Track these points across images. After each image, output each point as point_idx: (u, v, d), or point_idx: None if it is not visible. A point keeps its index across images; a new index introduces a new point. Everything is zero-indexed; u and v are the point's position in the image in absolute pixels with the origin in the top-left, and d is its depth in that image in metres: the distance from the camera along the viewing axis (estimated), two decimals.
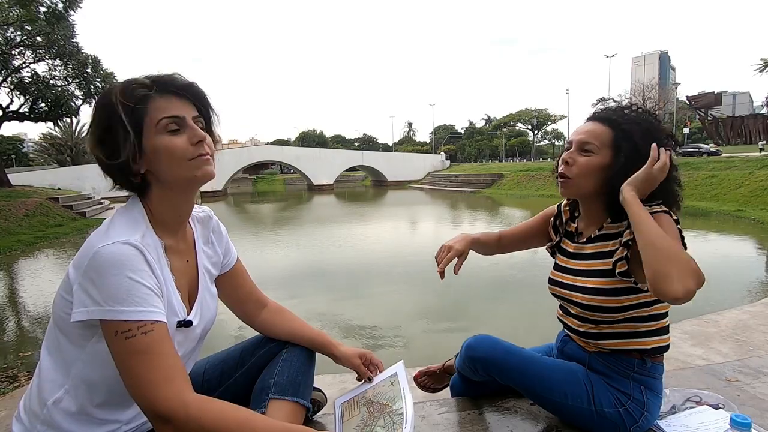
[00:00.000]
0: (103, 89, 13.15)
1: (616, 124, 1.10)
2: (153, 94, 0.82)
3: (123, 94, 0.81)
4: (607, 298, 1.08)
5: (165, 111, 0.82)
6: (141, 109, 0.81)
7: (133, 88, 0.82)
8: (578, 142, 1.12)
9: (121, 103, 0.80)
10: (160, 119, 0.82)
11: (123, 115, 0.80)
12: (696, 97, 38.71)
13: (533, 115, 61.09)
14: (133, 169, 0.83)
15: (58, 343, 0.83)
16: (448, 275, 1.26)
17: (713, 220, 12.04)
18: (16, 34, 15.40)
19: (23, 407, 0.87)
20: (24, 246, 9.93)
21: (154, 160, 0.83)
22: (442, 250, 1.28)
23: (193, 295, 0.95)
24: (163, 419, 0.75)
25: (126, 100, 0.80)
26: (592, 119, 1.15)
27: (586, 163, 1.10)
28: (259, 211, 20.87)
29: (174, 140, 0.83)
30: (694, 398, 1.27)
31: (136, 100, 0.81)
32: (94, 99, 17.86)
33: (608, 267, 1.09)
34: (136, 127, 0.81)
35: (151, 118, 0.82)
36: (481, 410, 1.31)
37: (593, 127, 1.12)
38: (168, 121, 0.83)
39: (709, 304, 4.35)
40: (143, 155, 0.83)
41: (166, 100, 0.83)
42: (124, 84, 0.83)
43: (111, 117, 0.81)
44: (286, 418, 1.00)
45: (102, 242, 0.77)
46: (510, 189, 26.06)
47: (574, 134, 1.15)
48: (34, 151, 57.27)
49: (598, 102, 42.18)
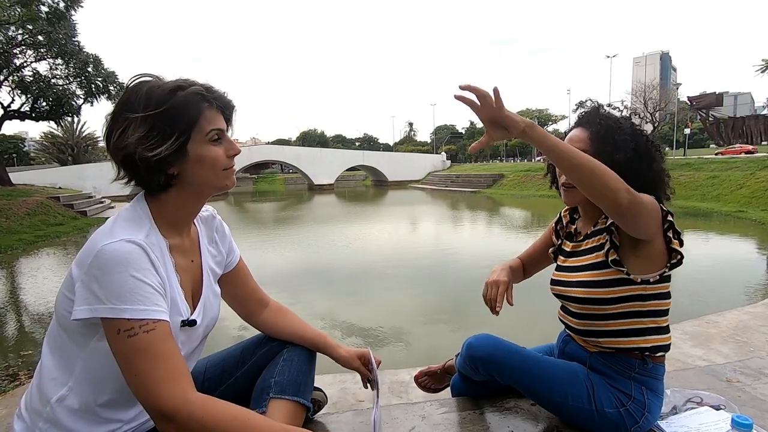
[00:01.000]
0: (105, 88, 13.04)
1: (601, 125, 1.12)
2: (208, 105, 0.86)
3: (186, 94, 0.83)
4: (599, 289, 1.10)
5: (214, 123, 0.87)
6: (197, 116, 0.85)
7: (197, 93, 0.85)
8: None
9: (183, 104, 0.83)
10: (210, 130, 0.86)
11: (183, 116, 0.83)
12: (697, 98, 38.64)
13: (534, 115, 61.07)
14: (166, 169, 0.84)
15: (60, 341, 0.83)
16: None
17: (714, 220, 12.04)
18: (17, 33, 15.44)
19: (24, 405, 0.87)
20: (25, 245, 9.95)
21: (194, 165, 0.86)
22: (490, 289, 1.26)
23: (196, 294, 0.95)
24: (166, 418, 0.75)
25: (188, 104, 0.84)
26: (582, 125, 1.17)
27: None
28: (259, 211, 20.88)
29: (216, 150, 0.88)
30: (695, 399, 1.26)
31: (197, 106, 0.85)
32: (95, 98, 18.03)
33: (601, 259, 1.11)
34: (187, 131, 0.84)
35: (202, 126, 0.85)
36: (481, 410, 1.31)
37: (583, 134, 1.14)
38: (214, 133, 0.87)
39: (710, 305, 4.35)
40: (185, 158, 0.84)
41: (214, 113, 0.88)
42: (191, 87, 0.85)
43: (171, 116, 0.82)
44: (286, 418, 1.00)
45: (106, 240, 0.77)
46: (511, 189, 26.06)
47: (569, 143, 1.16)
48: (35, 150, 57.40)
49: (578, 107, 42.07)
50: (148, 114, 0.81)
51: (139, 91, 0.83)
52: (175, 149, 0.82)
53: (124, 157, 0.83)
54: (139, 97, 0.82)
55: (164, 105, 0.82)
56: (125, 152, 0.82)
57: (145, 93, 0.83)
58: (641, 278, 1.06)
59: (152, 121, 0.81)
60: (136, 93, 0.83)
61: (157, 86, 0.84)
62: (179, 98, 0.83)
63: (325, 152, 45.07)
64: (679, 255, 1.04)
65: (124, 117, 0.82)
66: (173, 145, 0.82)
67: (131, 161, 0.82)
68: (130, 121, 0.81)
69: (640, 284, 1.06)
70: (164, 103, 0.82)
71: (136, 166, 0.83)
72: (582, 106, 9.68)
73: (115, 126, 0.83)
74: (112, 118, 0.84)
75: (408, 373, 2.34)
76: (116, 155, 0.83)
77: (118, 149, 0.82)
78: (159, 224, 0.87)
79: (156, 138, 0.81)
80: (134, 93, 0.83)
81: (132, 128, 0.81)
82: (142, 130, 0.81)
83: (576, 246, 1.22)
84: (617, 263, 1.07)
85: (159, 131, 0.81)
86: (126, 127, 0.81)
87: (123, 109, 0.83)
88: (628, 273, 1.06)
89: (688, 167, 18.13)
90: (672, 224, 1.04)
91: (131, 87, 0.85)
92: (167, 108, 0.82)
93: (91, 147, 52.21)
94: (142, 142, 0.81)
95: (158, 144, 0.81)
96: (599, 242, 1.13)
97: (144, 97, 0.82)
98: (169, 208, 0.88)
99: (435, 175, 40.14)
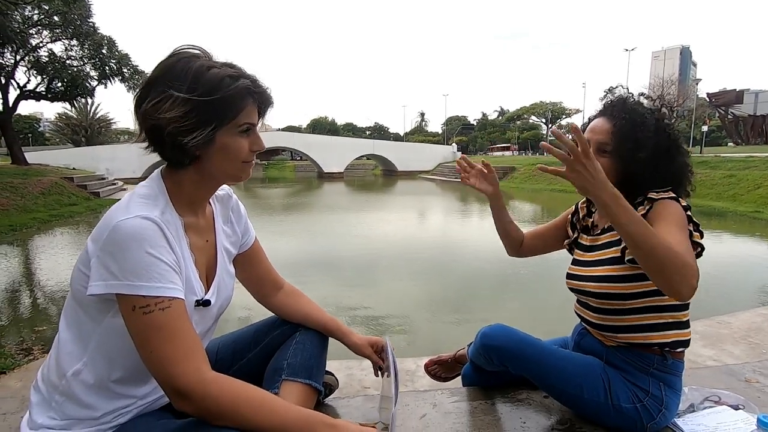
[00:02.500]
0: (119, 71, 13.03)
1: (625, 120, 1.08)
2: (252, 101, 0.84)
3: (237, 88, 0.81)
4: (616, 284, 1.08)
5: (249, 117, 0.85)
6: (240, 111, 0.83)
7: (246, 88, 0.82)
8: (596, 143, 1.10)
9: (230, 97, 0.80)
10: (243, 123, 0.84)
11: (227, 109, 0.81)
12: (717, 95, 37.76)
13: (547, 108, 60.20)
14: (192, 152, 0.82)
15: (76, 316, 0.83)
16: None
17: (729, 220, 11.81)
18: (33, 12, 15.50)
19: (41, 377, 0.87)
20: (39, 223, 10.11)
21: (217, 152, 0.84)
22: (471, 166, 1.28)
23: (211, 274, 0.95)
24: (182, 395, 0.75)
25: (235, 98, 0.81)
26: (606, 114, 1.12)
27: (606, 166, 1.08)
28: (268, 197, 20.96)
29: (243, 142, 0.86)
30: (713, 398, 1.24)
31: (242, 101, 0.82)
32: (109, 80, 18.11)
33: (618, 254, 1.09)
34: (225, 122, 0.81)
35: (239, 118, 0.83)
36: (493, 401, 1.30)
37: (606, 125, 1.10)
38: (247, 126, 0.85)
39: (722, 305, 4.28)
40: (211, 144, 0.82)
41: (252, 107, 0.85)
42: (241, 80, 0.82)
43: (215, 106, 0.79)
44: (298, 400, 1.00)
45: (122, 216, 0.76)
46: (522, 182, 25.80)
47: (590, 133, 1.12)
48: (50, 131, 58.10)
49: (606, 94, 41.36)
50: (192, 97, 0.78)
51: (186, 67, 0.79)
52: (207, 135, 0.80)
53: (151, 127, 0.80)
54: (186, 74, 0.79)
55: (212, 94, 0.79)
56: (154, 123, 0.79)
57: (194, 72, 0.79)
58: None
59: (194, 105, 0.78)
60: (183, 68, 0.79)
61: (208, 68, 0.80)
62: (230, 90, 0.80)
63: (336, 140, 44.99)
64: (699, 247, 1.02)
65: (163, 89, 0.78)
66: (208, 134, 0.80)
67: (158, 133, 0.80)
68: (169, 96, 0.78)
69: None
70: (213, 91, 0.79)
71: (162, 139, 0.80)
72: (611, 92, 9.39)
73: (150, 94, 0.79)
74: (150, 84, 0.80)
75: (414, 362, 2.33)
76: (144, 122, 0.81)
77: (148, 117, 0.79)
78: (175, 202, 0.86)
79: (193, 122, 0.79)
80: (180, 66, 0.79)
81: (170, 104, 0.77)
82: (181, 110, 0.78)
83: (594, 240, 1.20)
84: (634, 261, 1.03)
85: (198, 117, 0.79)
86: (163, 100, 0.78)
87: (165, 79, 0.79)
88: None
89: (704, 165, 17.75)
90: (691, 218, 1.02)
91: (178, 58, 0.81)
92: (215, 98, 0.79)
93: (105, 129, 52.74)
94: (176, 122, 0.78)
95: (193, 129, 0.79)
96: (616, 236, 1.11)
97: (192, 77, 0.78)
98: (186, 187, 0.87)
99: (445, 166, 39.86)
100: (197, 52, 0.83)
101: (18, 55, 15.99)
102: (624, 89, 3.84)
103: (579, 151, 0.86)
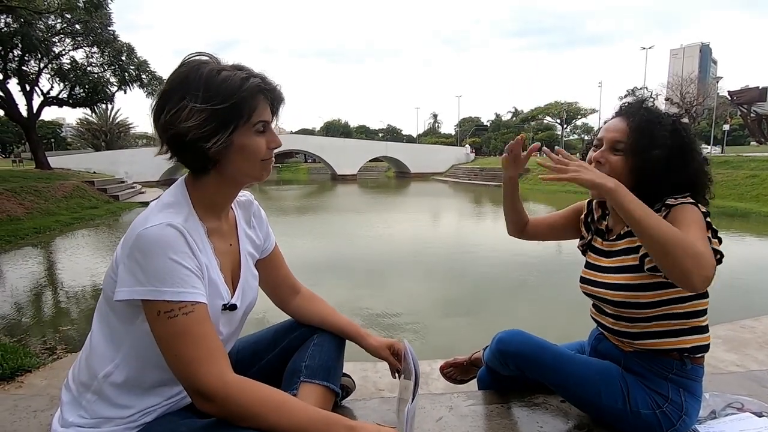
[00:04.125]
0: (137, 77, 13.24)
1: (642, 117, 1.07)
2: (263, 98, 0.86)
3: (249, 88, 0.82)
4: (637, 293, 1.06)
5: (262, 115, 0.86)
6: (254, 110, 0.84)
7: (256, 86, 0.84)
8: (610, 141, 1.09)
9: (243, 99, 0.82)
10: (258, 121, 0.85)
11: (241, 111, 0.82)
12: (738, 92, 36.64)
13: (563, 108, 59.36)
14: (212, 157, 0.84)
15: (108, 319, 0.86)
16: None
17: (752, 222, 11.49)
18: (56, 21, 15.99)
19: (72, 377, 0.90)
20: (62, 226, 10.41)
21: (236, 153, 0.85)
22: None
23: (235, 277, 0.97)
24: (206, 398, 0.77)
25: (248, 98, 0.82)
26: (622, 114, 1.11)
27: (620, 164, 1.07)
28: (283, 199, 21.15)
29: (260, 141, 0.87)
30: (736, 404, 1.22)
31: (254, 100, 0.84)
32: (129, 86, 18.52)
33: (636, 263, 1.07)
34: (241, 124, 0.83)
35: (253, 118, 0.85)
36: (509, 405, 1.30)
37: (621, 123, 1.09)
38: (261, 125, 0.86)
39: (745, 309, 4.17)
40: (229, 146, 0.84)
41: (264, 104, 0.87)
42: (252, 80, 0.83)
43: (230, 110, 0.81)
44: (316, 402, 1.01)
45: (146, 224, 0.79)
46: (536, 184, 25.43)
47: (605, 132, 1.11)
48: (72, 136, 59.73)
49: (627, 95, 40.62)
50: (208, 106, 0.80)
51: (198, 74, 0.81)
52: (224, 139, 0.82)
53: (172, 136, 0.82)
54: (198, 82, 0.80)
55: (227, 98, 0.80)
56: (174, 132, 0.81)
57: (206, 79, 0.81)
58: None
59: (210, 112, 0.80)
60: (195, 76, 0.81)
61: (218, 72, 0.82)
62: (243, 91, 0.82)
63: (349, 143, 45.10)
64: (718, 254, 0.98)
65: (179, 98, 0.80)
66: (228, 138, 0.82)
67: (180, 142, 0.82)
68: (186, 106, 0.80)
69: (678, 287, 1.00)
70: (226, 95, 0.80)
71: (184, 147, 0.83)
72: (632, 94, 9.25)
73: (168, 105, 0.82)
74: (166, 96, 0.82)
75: (429, 365, 2.34)
76: (165, 133, 0.83)
77: (168, 128, 0.82)
78: (198, 209, 0.88)
79: (212, 127, 0.81)
80: (192, 75, 0.81)
81: (187, 113, 0.80)
82: (199, 118, 0.80)
83: (610, 245, 1.17)
84: (654, 269, 1.02)
85: (216, 123, 0.81)
86: (180, 109, 0.80)
87: (179, 89, 0.81)
88: (665, 276, 1.00)
89: (726, 165, 17.30)
90: (710, 224, 0.99)
91: (189, 67, 0.83)
92: (230, 104, 0.81)
93: (124, 133, 53.96)
94: (196, 129, 0.80)
95: (213, 133, 0.81)
96: (634, 244, 1.09)
97: (204, 84, 0.80)
98: (209, 192, 0.89)
99: (458, 167, 39.64)
100: (206, 58, 0.85)
101: (42, 63, 16.51)
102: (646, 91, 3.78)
103: (560, 158, 0.97)
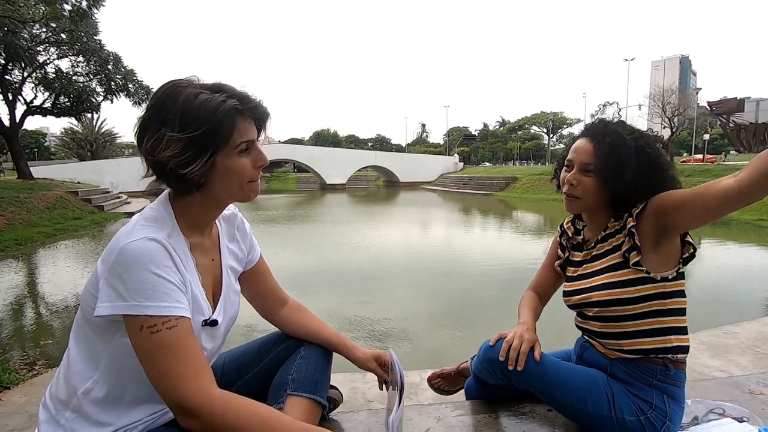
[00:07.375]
0: (124, 86, 13.08)
1: (606, 143, 1.11)
2: (242, 118, 0.83)
3: (224, 111, 0.80)
4: (621, 289, 1.10)
5: (245, 135, 0.84)
6: (232, 131, 0.82)
7: (233, 108, 0.81)
8: (580, 163, 1.14)
9: (219, 123, 0.80)
10: (240, 142, 0.83)
11: (218, 135, 0.80)
12: (717, 103, 37.79)
13: (548, 118, 60.44)
14: (195, 181, 0.83)
15: (85, 335, 0.85)
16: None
17: (734, 229, 11.75)
18: (41, 30, 15.81)
19: (49, 395, 0.88)
20: (44, 237, 10.17)
21: (220, 176, 0.84)
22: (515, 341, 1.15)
23: (216, 292, 0.96)
24: (189, 414, 0.76)
25: (224, 122, 0.81)
26: (588, 136, 1.16)
27: (591, 184, 1.13)
28: (271, 209, 21.03)
29: (244, 162, 0.85)
30: (717, 410, 1.24)
31: (232, 122, 0.81)
32: (115, 95, 18.31)
33: (619, 260, 1.12)
34: (220, 147, 0.81)
35: (233, 140, 0.83)
36: (497, 414, 1.30)
37: (588, 146, 1.14)
38: (244, 145, 0.84)
39: (728, 315, 4.24)
40: (212, 170, 0.83)
41: (247, 124, 0.85)
42: (227, 103, 0.81)
43: (206, 136, 0.79)
44: (302, 415, 1.00)
45: (128, 239, 0.78)
46: (524, 192, 25.83)
47: (574, 153, 1.16)
48: (56, 145, 58.82)
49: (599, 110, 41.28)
50: (184, 135, 0.79)
51: (173, 102, 0.80)
52: (207, 163, 0.81)
53: (153, 164, 0.82)
54: (175, 109, 0.79)
55: (202, 124, 0.79)
56: (155, 161, 0.81)
57: (182, 105, 0.79)
58: (661, 276, 1.07)
59: (187, 140, 0.79)
60: (172, 104, 0.80)
61: (195, 96, 0.80)
62: (217, 117, 0.80)
63: (338, 152, 45.21)
64: (691, 248, 1.08)
65: (156, 128, 0.80)
66: (206, 163, 0.81)
67: (161, 170, 0.82)
68: (163, 136, 0.79)
69: (659, 282, 1.07)
70: (202, 121, 0.79)
71: (166, 173, 0.82)
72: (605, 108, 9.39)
73: (147, 133, 0.81)
74: (146, 123, 0.82)
75: (418, 375, 2.32)
76: (146, 160, 0.83)
77: (149, 156, 0.82)
78: (181, 224, 0.88)
79: (190, 155, 0.80)
80: (169, 103, 0.80)
81: (165, 143, 0.79)
82: (177, 147, 0.79)
83: (588, 254, 1.22)
84: (638, 264, 1.08)
85: (193, 150, 0.80)
86: (158, 140, 0.79)
87: (156, 118, 0.80)
88: (647, 272, 1.07)
89: (707, 174, 17.74)
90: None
91: (165, 94, 0.82)
92: (204, 130, 0.79)
93: (109, 143, 53.29)
94: (175, 158, 0.79)
95: (191, 161, 0.80)
96: (613, 244, 1.14)
97: (181, 112, 0.79)
98: (193, 210, 0.89)
99: (447, 176, 39.98)
100: (183, 82, 0.84)
101: (25, 72, 16.27)
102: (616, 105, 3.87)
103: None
